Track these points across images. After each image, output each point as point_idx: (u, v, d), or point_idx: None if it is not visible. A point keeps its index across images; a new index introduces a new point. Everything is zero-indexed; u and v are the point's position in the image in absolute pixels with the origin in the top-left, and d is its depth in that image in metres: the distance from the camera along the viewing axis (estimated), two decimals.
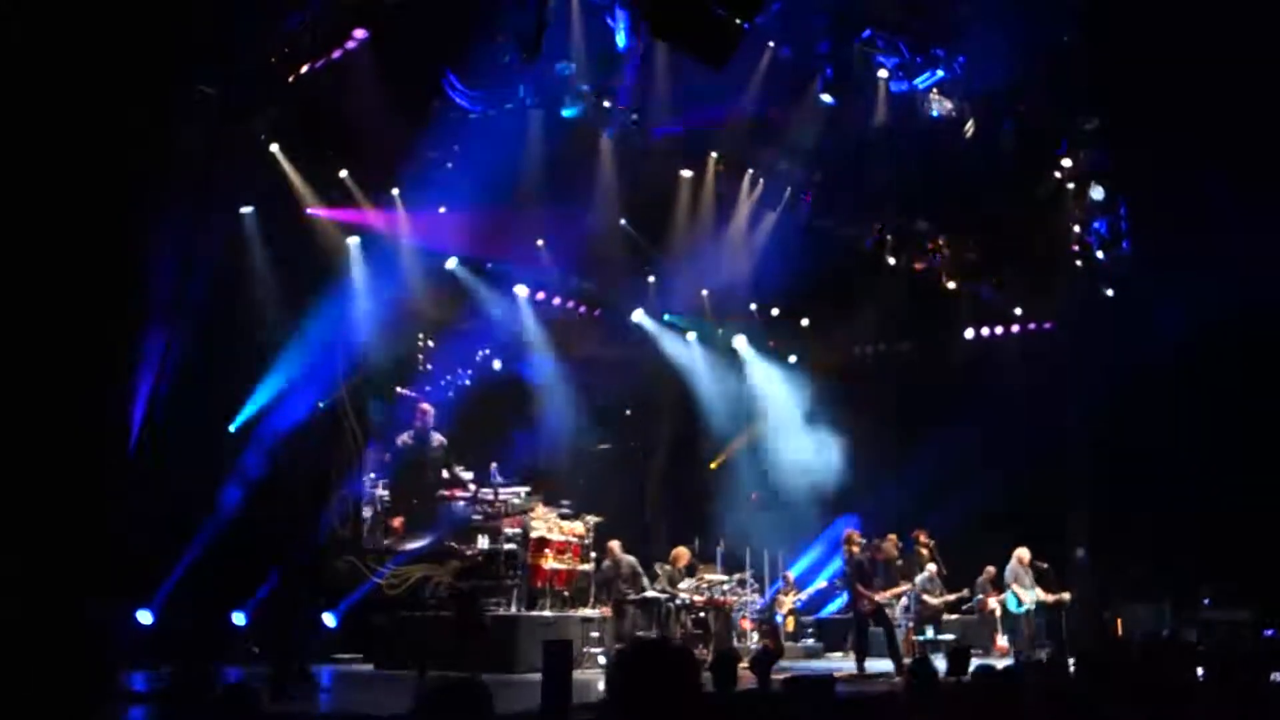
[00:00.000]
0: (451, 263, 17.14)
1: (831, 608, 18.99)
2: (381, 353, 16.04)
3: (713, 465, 20.54)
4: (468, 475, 14.71)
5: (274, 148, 14.36)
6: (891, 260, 19.38)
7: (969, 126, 16.46)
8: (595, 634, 13.75)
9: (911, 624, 15.33)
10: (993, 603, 15.85)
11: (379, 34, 13.13)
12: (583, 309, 19.47)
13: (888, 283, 19.57)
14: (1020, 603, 15.11)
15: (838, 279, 19.42)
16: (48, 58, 10.55)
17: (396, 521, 14.52)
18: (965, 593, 16.16)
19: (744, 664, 9.33)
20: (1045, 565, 15.52)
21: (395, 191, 15.68)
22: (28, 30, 10.12)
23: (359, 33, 13.09)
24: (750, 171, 17.59)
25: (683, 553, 14.66)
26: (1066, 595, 15.44)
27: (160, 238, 12.34)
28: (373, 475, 15.23)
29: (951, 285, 19.95)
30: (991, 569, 16.28)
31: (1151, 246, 17.64)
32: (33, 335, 10.94)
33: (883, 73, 15.69)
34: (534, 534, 14.06)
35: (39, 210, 10.76)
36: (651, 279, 19.37)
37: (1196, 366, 16.39)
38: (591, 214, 16.72)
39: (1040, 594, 15.34)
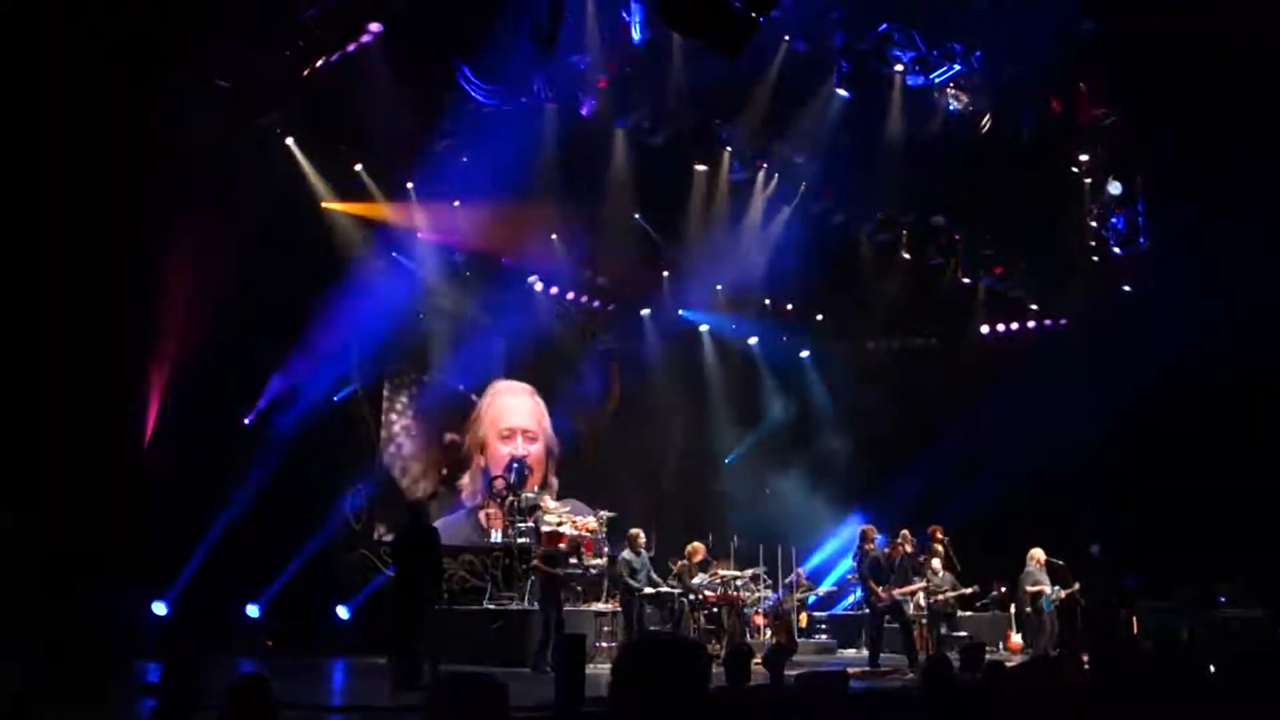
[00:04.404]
0: (463, 259, 17.16)
1: (845, 603, 18.96)
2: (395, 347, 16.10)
3: (727, 460, 20.51)
4: None
5: (289, 141, 14.39)
6: (906, 255, 19.33)
7: (985, 121, 16.38)
8: (607, 628, 13.75)
9: (925, 620, 15.27)
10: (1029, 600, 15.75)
11: (393, 27, 13.14)
12: (596, 303, 19.45)
13: (902, 277, 19.52)
14: (1051, 601, 15.10)
15: (852, 274, 19.37)
16: (60, 57, 10.61)
17: None
18: (976, 588, 16.07)
19: (757, 659, 9.30)
20: (1060, 562, 15.45)
21: (409, 185, 15.69)
22: (38, 28, 10.16)
23: (373, 26, 13.11)
24: (765, 166, 17.53)
25: (697, 548, 14.63)
26: (1076, 586, 15.43)
27: (176, 234, 12.41)
28: None
29: (966, 280, 19.88)
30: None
31: (1169, 242, 17.53)
32: (47, 333, 11.01)
33: (899, 67, 15.61)
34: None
35: (53, 212, 10.83)
36: (666, 274, 19.34)
37: (1213, 362, 16.26)
38: (605, 209, 16.70)
39: (1060, 592, 15.30)
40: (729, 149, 16.92)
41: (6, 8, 10.38)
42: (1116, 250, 18.36)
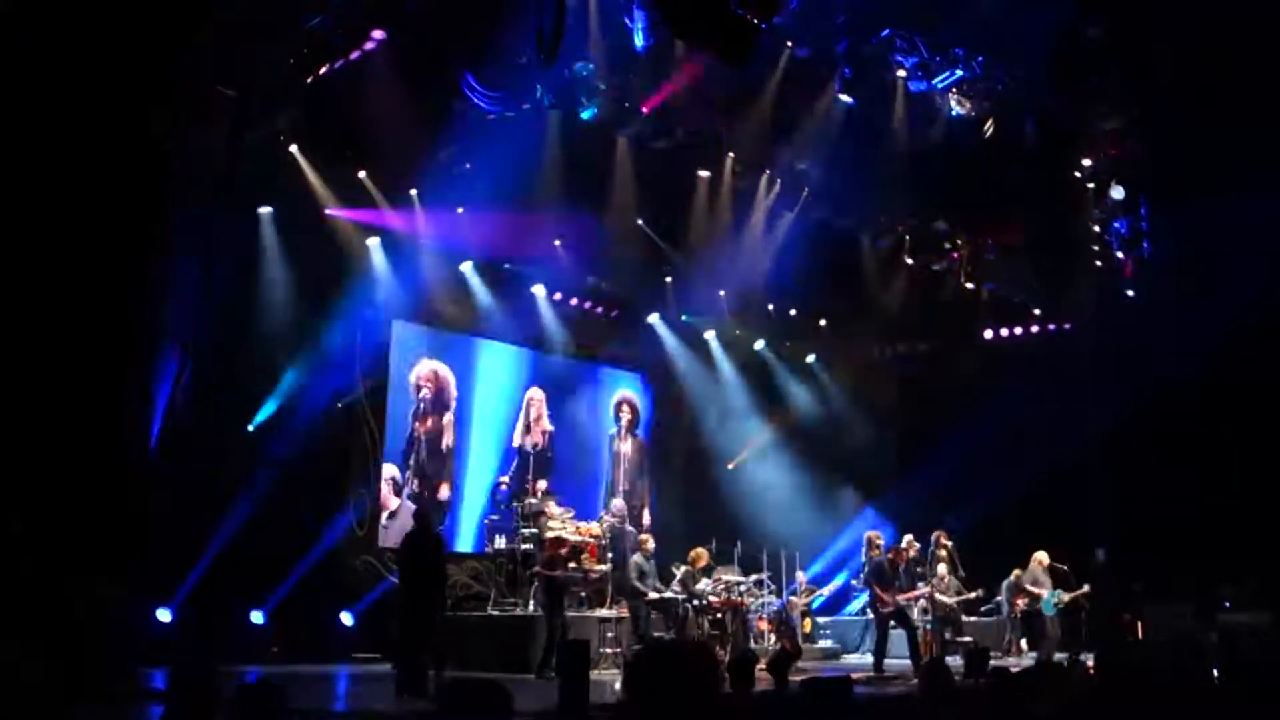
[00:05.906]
0: (467, 265, 17.18)
1: (850, 609, 18.94)
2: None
3: (730, 465, 20.49)
4: None
5: (293, 148, 14.42)
6: (909, 260, 19.33)
7: (988, 126, 16.39)
8: (611, 634, 13.75)
9: (930, 626, 15.25)
10: (1022, 604, 15.72)
11: (398, 35, 13.17)
12: (600, 309, 19.46)
13: (906, 283, 19.52)
14: (1054, 605, 15.07)
15: (855, 279, 19.39)
16: (63, 65, 10.62)
17: None
18: (980, 593, 16.05)
19: (761, 665, 9.31)
20: (1064, 567, 15.44)
21: (413, 192, 15.71)
22: (39, 34, 10.17)
23: (377, 33, 13.14)
24: (768, 172, 17.54)
25: (701, 553, 14.63)
26: (1085, 588, 15.41)
27: (181, 240, 12.42)
28: None
29: (970, 285, 19.88)
30: (1019, 571, 16.14)
31: (1173, 247, 17.54)
32: (53, 340, 11.02)
33: (901, 72, 15.63)
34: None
35: (60, 220, 10.84)
36: (669, 280, 19.36)
37: (1217, 366, 16.26)
38: (609, 215, 16.72)
39: (1061, 596, 15.29)
40: (732, 155, 16.95)
41: (6, 8, 10.40)
42: (1120, 255, 18.37)
